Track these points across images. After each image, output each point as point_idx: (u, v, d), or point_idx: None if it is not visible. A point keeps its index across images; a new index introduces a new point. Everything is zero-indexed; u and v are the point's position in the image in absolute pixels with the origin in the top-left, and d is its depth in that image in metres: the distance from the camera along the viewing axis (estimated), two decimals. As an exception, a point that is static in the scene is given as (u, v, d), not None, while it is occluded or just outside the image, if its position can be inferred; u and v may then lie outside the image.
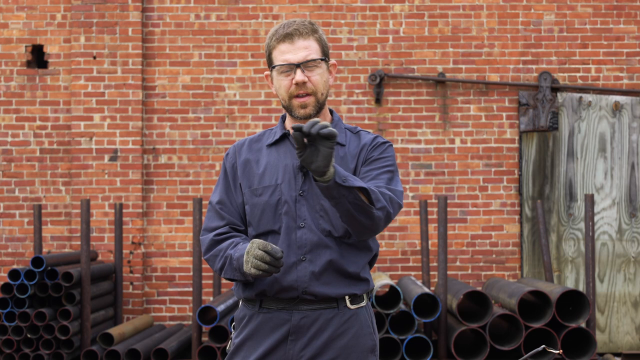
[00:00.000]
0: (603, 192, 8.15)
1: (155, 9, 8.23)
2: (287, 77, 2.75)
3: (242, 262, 2.67)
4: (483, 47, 8.23)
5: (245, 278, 2.70)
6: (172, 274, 8.14)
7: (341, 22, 8.23)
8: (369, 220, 2.62)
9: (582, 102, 8.15)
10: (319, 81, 2.75)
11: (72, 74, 8.11)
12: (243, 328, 2.80)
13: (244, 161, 2.84)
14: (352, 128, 2.88)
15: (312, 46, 2.75)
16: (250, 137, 2.92)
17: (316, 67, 2.75)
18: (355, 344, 2.76)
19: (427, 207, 7.26)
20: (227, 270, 2.74)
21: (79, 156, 8.05)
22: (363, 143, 2.81)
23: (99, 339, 6.87)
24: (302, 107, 2.76)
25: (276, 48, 2.76)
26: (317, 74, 2.75)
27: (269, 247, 2.60)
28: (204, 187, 8.12)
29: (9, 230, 8.15)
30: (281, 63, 2.74)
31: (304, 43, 2.74)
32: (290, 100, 2.76)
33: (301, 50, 2.74)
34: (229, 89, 8.22)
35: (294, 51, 2.74)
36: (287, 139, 2.83)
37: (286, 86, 2.75)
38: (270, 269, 2.60)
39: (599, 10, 8.25)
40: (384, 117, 8.21)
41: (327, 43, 2.82)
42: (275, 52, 2.77)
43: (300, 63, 2.73)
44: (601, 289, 8.08)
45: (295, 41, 2.74)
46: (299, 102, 2.75)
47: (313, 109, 2.76)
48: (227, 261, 2.74)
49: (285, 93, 2.77)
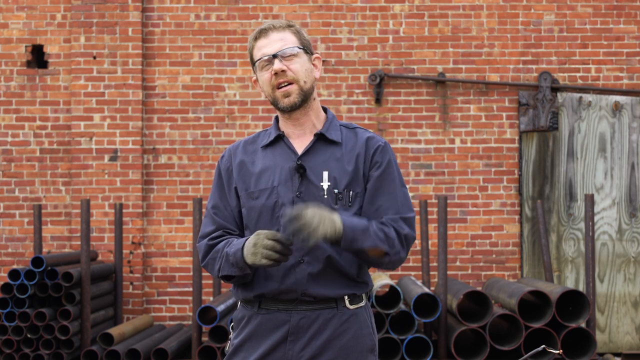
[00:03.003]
0: (603, 192, 8.15)
1: (155, 9, 8.23)
2: (268, 71, 2.76)
3: (239, 255, 2.66)
4: (483, 47, 8.23)
5: (243, 272, 2.70)
6: (172, 274, 8.14)
7: (341, 22, 8.23)
8: (382, 266, 2.76)
9: (582, 102, 8.15)
10: (299, 69, 2.75)
11: (72, 74, 8.11)
12: (242, 329, 2.80)
13: (239, 163, 2.83)
14: (348, 124, 2.86)
15: (287, 37, 2.77)
16: (245, 138, 2.91)
17: (294, 57, 2.76)
18: (355, 344, 2.76)
19: (427, 207, 7.26)
20: (224, 268, 2.74)
21: (79, 156, 8.05)
22: (361, 144, 2.80)
23: (99, 339, 6.87)
24: (285, 97, 2.75)
25: (254, 47, 2.80)
26: (297, 62, 2.76)
27: (278, 235, 2.61)
28: (204, 187, 8.12)
29: (9, 230, 8.15)
30: (259, 57, 2.77)
31: (279, 35, 2.77)
32: (273, 92, 2.77)
33: (276, 42, 2.76)
34: (229, 89, 8.23)
35: (269, 44, 2.76)
36: (282, 140, 2.83)
37: (267, 79, 2.77)
38: (281, 258, 2.61)
39: (599, 10, 8.25)
40: (384, 117, 8.21)
41: (306, 37, 2.82)
42: (254, 51, 2.80)
43: (277, 53, 2.74)
44: (601, 289, 8.08)
45: (269, 35, 2.77)
46: (282, 92, 2.76)
47: (297, 97, 2.76)
48: (223, 259, 2.74)
49: (268, 87, 2.78)
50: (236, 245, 2.70)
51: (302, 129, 2.81)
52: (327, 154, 2.77)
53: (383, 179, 2.78)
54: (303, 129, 2.81)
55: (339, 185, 2.74)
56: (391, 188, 2.77)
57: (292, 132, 2.82)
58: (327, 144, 2.79)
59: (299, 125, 2.81)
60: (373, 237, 2.67)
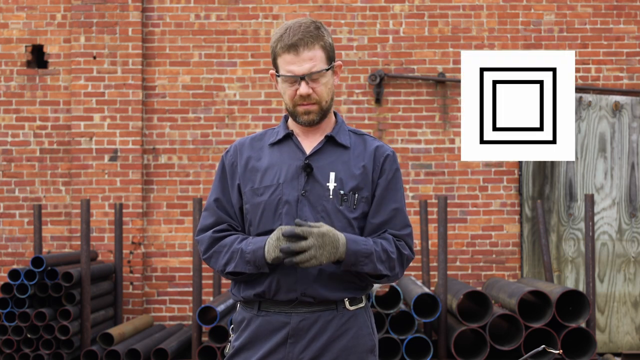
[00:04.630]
0: (603, 192, 8.15)
1: (155, 9, 8.23)
2: (292, 87, 2.75)
3: (260, 254, 2.67)
4: (483, 47, 8.23)
5: (259, 271, 2.70)
6: (172, 274, 8.14)
7: (341, 22, 8.23)
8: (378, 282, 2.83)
9: (582, 102, 8.15)
10: (323, 91, 2.75)
11: (72, 74, 8.11)
12: (242, 331, 2.80)
13: (245, 159, 2.83)
14: (356, 130, 2.89)
15: (317, 56, 2.74)
16: (252, 135, 2.91)
17: (321, 77, 2.75)
18: (355, 345, 2.76)
19: (427, 207, 7.26)
20: (237, 265, 2.73)
21: (79, 156, 8.05)
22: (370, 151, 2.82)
23: (99, 339, 6.87)
24: (305, 114, 2.77)
25: (281, 56, 2.75)
26: (322, 83, 2.75)
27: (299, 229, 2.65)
28: (204, 187, 8.12)
29: (9, 230, 8.15)
30: (286, 74, 2.74)
31: (309, 54, 2.73)
32: (294, 107, 2.77)
33: (306, 61, 2.72)
34: (229, 89, 8.23)
35: (298, 62, 2.72)
36: (290, 138, 2.83)
37: (290, 95, 2.76)
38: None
39: (599, 10, 8.25)
40: (384, 117, 8.21)
41: (332, 46, 2.80)
42: (279, 61, 2.76)
43: (304, 75, 2.73)
44: (601, 289, 8.09)
45: (300, 52, 2.72)
46: (303, 109, 2.76)
47: (316, 116, 2.77)
48: (235, 256, 2.73)
49: (289, 101, 2.77)
50: (255, 243, 2.70)
51: (314, 131, 2.84)
52: (335, 156, 2.78)
53: (390, 188, 2.81)
54: (315, 131, 2.84)
55: (345, 187, 2.75)
56: (397, 198, 2.81)
57: (301, 132, 2.84)
58: (336, 147, 2.81)
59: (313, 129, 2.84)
60: (375, 262, 2.71)
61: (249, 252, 2.70)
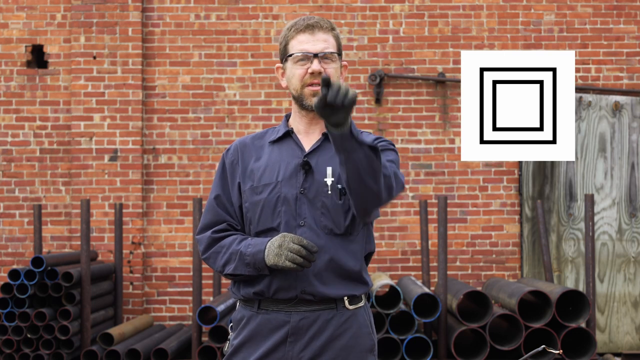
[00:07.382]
0: (603, 192, 8.15)
1: (155, 9, 8.23)
2: (303, 67, 2.77)
3: (260, 257, 2.67)
4: (483, 47, 8.23)
5: (259, 273, 2.71)
6: (172, 274, 8.14)
7: (341, 22, 8.24)
8: (375, 184, 2.59)
9: (582, 102, 8.15)
10: (333, 74, 2.78)
11: (72, 74, 8.12)
12: (242, 329, 2.80)
13: (246, 158, 2.84)
14: None
15: (330, 40, 2.79)
16: (253, 134, 2.93)
17: (332, 62, 2.79)
18: (354, 344, 2.76)
19: (427, 207, 7.26)
20: (237, 267, 2.73)
21: (79, 156, 8.05)
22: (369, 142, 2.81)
23: (99, 339, 6.87)
24: (313, 96, 2.76)
25: (295, 38, 2.79)
26: (332, 67, 2.78)
27: (304, 241, 2.65)
28: (204, 187, 8.12)
29: (9, 230, 8.15)
30: (298, 52, 2.77)
31: (324, 36, 2.79)
32: (302, 88, 2.77)
33: (320, 42, 2.78)
34: (229, 89, 8.23)
35: (313, 42, 2.77)
36: (290, 137, 2.84)
37: (300, 74, 2.77)
38: (304, 263, 2.64)
39: (599, 10, 8.25)
40: (384, 117, 8.21)
41: (341, 43, 2.86)
42: (293, 42, 2.79)
43: (318, 53, 2.76)
44: (601, 289, 8.08)
45: (315, 33, 2.78)
46: (312, 90, 2.76)
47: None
48: (234, 257, 2.74)
49: (298, 82, 2.78)
50: (255, 245, 2.71)
51: (313, 128, 2.84)
52: (333, 152, 2.78)
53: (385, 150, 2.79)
54: (314, 128, 2.84)
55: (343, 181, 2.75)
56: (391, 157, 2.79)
57: (302, 129, 2.84)
58: None
59: (314, 124, 2.83)
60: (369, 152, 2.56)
61: (249, 255, 2.70)
